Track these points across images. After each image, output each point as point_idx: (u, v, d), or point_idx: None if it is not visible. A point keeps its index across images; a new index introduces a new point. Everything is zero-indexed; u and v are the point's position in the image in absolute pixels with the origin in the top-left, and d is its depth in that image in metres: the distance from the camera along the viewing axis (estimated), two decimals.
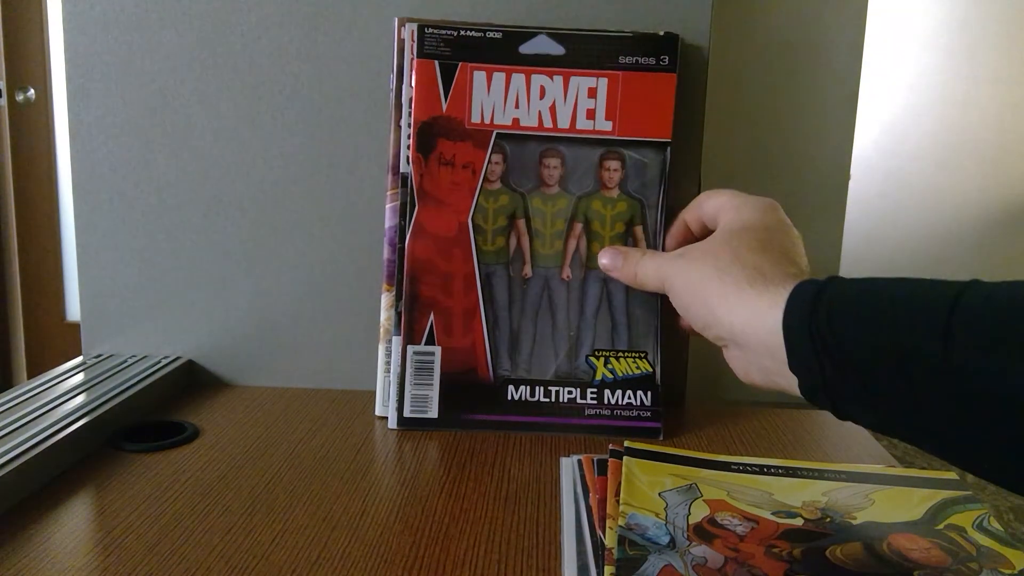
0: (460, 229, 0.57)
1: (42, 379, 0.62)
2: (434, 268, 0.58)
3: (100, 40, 0.64)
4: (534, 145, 0.58)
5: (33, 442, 0.50)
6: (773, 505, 0.47)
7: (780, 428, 0.62)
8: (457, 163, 0.57)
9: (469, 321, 0.58)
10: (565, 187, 0.58)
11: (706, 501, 0.46)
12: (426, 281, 0.58)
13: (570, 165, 0.58)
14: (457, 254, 0.58)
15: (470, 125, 0.57)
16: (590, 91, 0.57)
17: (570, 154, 0.58)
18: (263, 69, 0.65)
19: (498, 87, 0.57)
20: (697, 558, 0.40)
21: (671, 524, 0.43)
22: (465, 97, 0.57)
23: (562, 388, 0.58)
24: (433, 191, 0.58)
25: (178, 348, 0.68)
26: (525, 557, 0.43)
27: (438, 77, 0.57)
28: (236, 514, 0.46)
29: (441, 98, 0.57)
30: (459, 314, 0.58)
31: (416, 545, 0.43)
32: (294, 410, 0.63)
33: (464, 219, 0.57)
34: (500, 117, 0.57)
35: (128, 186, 0.66)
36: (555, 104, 0.57)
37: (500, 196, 0.57)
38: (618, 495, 0.46)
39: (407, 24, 0.59)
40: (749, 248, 0.45)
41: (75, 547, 0.42)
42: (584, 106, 0.58)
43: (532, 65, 0.57)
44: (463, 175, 0.57)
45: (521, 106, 0.57)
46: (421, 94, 0.57)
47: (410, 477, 0.52)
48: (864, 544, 0.42)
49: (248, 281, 0.67)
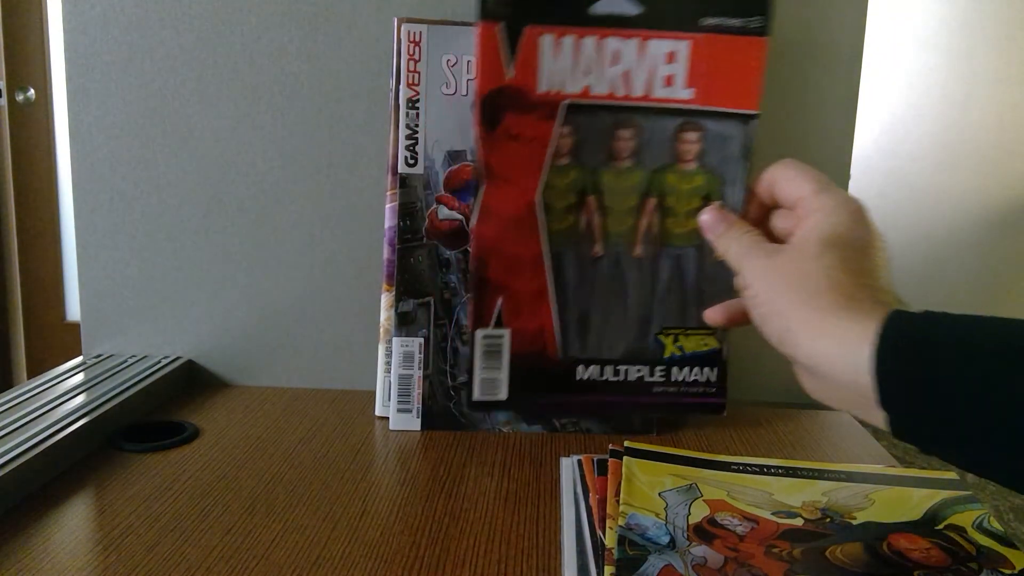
0: (528, 209, 0.53)
1: (42, 379, 0.62)
2: (501, 251, 0.54)
3: (100, 40, 0.64)
4: (606, 116, 0.53)
5: (33, 442, 0.50)
6: (773, 505, 0.47)
7: (780, 428, 0.62)
8: (524, 137, 0.53)
9: (538, 303, 0.55)
10: (639, 160, 0.54)
11: (706, 501, 0.46)
12: (493, 265, 0.54)
13: (645, 137, 0.54)
14: (525, 235, 0.54)
15: (537, 96, 0.53)
16: (669, 56, 0.53)
17: (646, 125, 0.54)
18: (263, 69, 0.65)
19: (566, 52, 0.52)
20: (697, 558, 0.40)
21: (671, 524, 0.43)
22: (532, 64, 0.52)
23: (631, 367, 0.57)
24: (500, 169, 0.53)
25: (178, 348, 0.68)
26: (525, 557, 0.43)
27: (502, 42, 0.52)
28: (236, 514, 0.46)
29: (505, 66, 0.52)
30: (528, 296, 0.55)
31: (416, 545, 0.43)
32: (294, 410, 0.63)
33: (531, 198, 0.53)
34: (570, 85, 0.53)
35: (128, 186, 0.66)
36: (630, 71, 0.53)
37: (569, 172, 0.53)
38: (618, 495, 0.47)
39: (404, 25, 0.59)
40: (842, 269, 0.41)
41: (75, 547, 0.42)
42: (662, 72, 0.53)
43: (605, 26, 0.52)
44: (530, 149, 0.53)
45: (592, 72, 0.53)
46: (485, 62, 0.52)
47: (410, 477, 0.52)
48: (864, 544, 0.42)
49: (248, 281, 0.67)
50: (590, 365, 0.57)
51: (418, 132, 0.60)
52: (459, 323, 0.61)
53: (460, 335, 0.61)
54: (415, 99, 0.59)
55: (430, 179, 0.60)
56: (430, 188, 0.60)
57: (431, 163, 0.60)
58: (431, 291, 0.61)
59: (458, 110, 0.59)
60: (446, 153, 0.60)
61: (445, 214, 0.60)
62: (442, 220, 0.60)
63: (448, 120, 0.59)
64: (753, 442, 0.59)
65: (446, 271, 0.61)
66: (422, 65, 0.59)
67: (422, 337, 0.61)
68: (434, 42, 0.59)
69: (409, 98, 0.59)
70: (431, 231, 0.60)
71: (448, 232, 0.60)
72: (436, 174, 0.60)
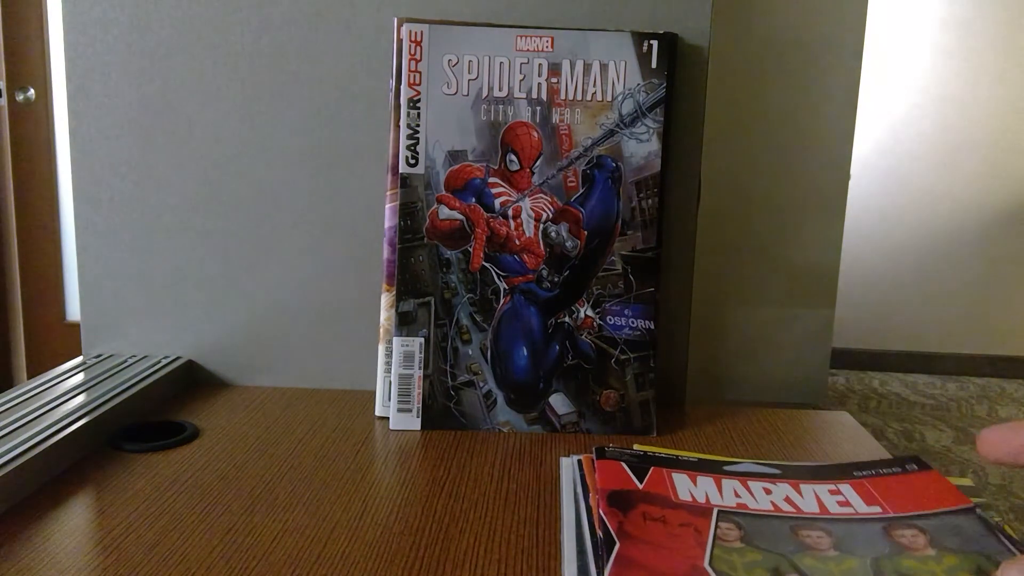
0: (695, 572, 0.40)
1: (42, 379, 0.62)
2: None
3: (100, 40, 0.64)
4: (777, 523, 0.45)
5: (33, 442, 0.50)
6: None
7: (780, 428, 0.62)
8: (671, 522, 0.45)
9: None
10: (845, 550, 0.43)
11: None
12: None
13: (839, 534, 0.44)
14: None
15: (679, 500, 0.47)
16: (832, 491, 0.48)
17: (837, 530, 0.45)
18: (263, 69, 0.65)
19: (703, 486, 0.48)
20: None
21: None
22: (666, 484, 0.48)
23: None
24: (640, 535, 0.43)
25: (178, 348, 0.68)
26: (525, 557, 0.43)
27: (628, 471, 0.49)
28: (236, 514, 0.46)
29: (635, 482, 0.49)
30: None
31: (416, 545, 0.43)
32: (294, 410, 0.63)
33: (700, 563, 0.41)
34: (715, 498, 0.47)
35: (128, 186, 0.66)
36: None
37: (747, 553, 0.42)
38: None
39: (405, 24, 0.59)
40: None
41: (75, 547, 0.42)
42: (831, 501, 0.47)
43: (742, 476, 0.49)
44: (683, 532, 0.44)
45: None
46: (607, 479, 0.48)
47: (410, 477, 0.52)
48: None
49: (248, 281, 0.67)
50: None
51: (419, 132, 0.60)
52: (459, 323, 0.61)
53: (460, 335, 0.61)
54: (416, 99, 0.59)
55: (431, 179, 0.60)
56: (431, 188, 0.60)
57: (432, 163, 0.60)
58: (431, 291, 0.61)
59: (459, 110, 0.60)
60: (447, 153, 0.60)
61: (446, 214, 0.60)
62: (443, 220, 0.60)
63: (449, 120, 0.60)
64: (753, 442, 0.59)
65: (446, 271, 0.61)
66: (423, 65, 0.59)
67: (422, 337, 0.61)
68: (435, 42, 0.59)
69: (410, 98, 0.59)
70: (432, 231, 0.60)
71: (448, 232, 0.60)
72: (437, 174, 0.60)
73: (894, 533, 0.43)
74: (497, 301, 0.61)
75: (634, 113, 0.60)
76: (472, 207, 0.60)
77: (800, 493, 0.48)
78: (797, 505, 0.46)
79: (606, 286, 0.61)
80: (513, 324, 0.61)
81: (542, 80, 0.60)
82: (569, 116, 0.60)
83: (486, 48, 0.59)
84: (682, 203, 0.57)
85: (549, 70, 0.60)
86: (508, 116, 0.60)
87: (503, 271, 0.61)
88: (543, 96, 0.60)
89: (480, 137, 0.60)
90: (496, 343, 0.61)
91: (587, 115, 0.60)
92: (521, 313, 0.61)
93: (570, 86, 0.60)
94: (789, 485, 0.49)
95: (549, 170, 0.60)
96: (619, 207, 0.61)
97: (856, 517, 0.45)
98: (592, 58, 0.60)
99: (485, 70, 0.60)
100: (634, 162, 0.60)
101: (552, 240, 0.61)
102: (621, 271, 0.61)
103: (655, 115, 0.60)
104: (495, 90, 0.60)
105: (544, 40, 0.60)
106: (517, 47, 0.60)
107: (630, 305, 0.62)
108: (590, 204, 0.61)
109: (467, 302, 0.61)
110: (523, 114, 0.60)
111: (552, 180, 0.61)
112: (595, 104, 0.60)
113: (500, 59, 0.59)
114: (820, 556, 0.41)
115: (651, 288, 0.61)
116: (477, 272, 0.61)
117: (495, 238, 0.61)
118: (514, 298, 0.61)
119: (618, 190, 0.61)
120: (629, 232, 0.61)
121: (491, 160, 0.60)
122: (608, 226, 0.61)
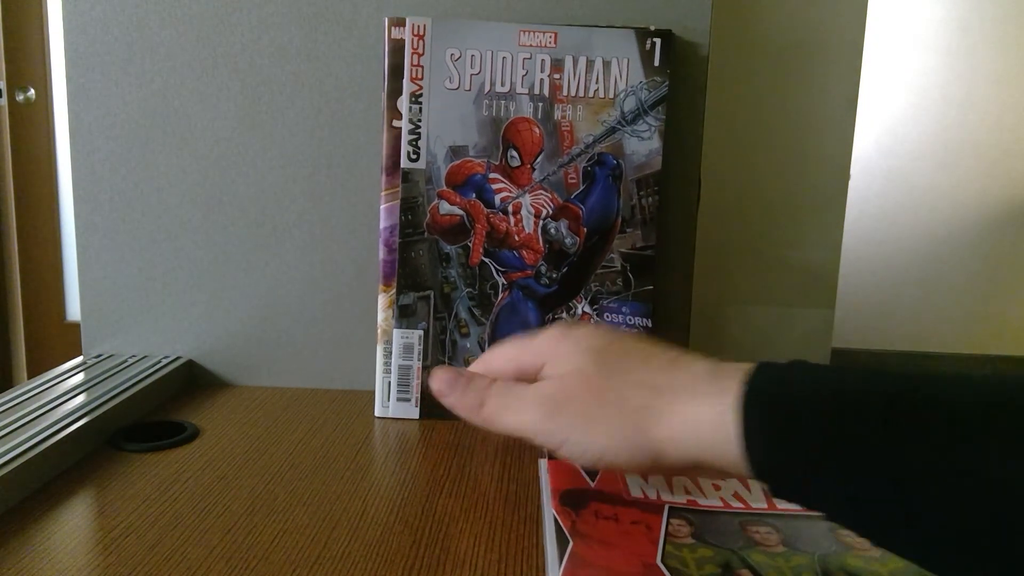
0: (647, 570, 0.40)
1: (42, 379, 0.62)
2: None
3: (100, 40, 0.64)
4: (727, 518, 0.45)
5: (33, 442, 0.49)
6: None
7: None
8: (623, 520, 0.45)
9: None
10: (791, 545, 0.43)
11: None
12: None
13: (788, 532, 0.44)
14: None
15: (632, 497, 0.47)
16: None
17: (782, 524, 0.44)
18: (263, 69, 0.65)
19: (654, 483, 0.47)
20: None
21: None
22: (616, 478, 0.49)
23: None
24: (592, 534, 0.43)
25: (178, 348, 0.68)
26: (525, 557, 0.43)
27: (580, 470, 0.49)
28: (236, 514, 0.46)
29: (587, 481, 0.49)
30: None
31: (416, 545, 0.43)
32: (294, 410, 0.63)
33: (652, 560, 0.41)
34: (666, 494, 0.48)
35: (128, 186, 0.66)
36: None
37: (697, 549, 0.42)
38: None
39: (408, 19, 0.59)
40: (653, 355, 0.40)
41: (75, 547, 0.42)
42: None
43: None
44: (634, 529, 0.44)
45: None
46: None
47: (410, 477, 0.52)
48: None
49: (248, 281, 0.67)
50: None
51: (420, 127, 0.60)
52: (458, 316, 0.61)
53: (458, 328, 0.61)
54: (418, 93, 0.59)
55: (432, 174, 0.60)
56: (432, 183, 0.60)
57: (433, 158, 0.60)
58: (431, 285, 0.61)
59: (460, 105, 0.59)
60: (448, 148, 0.60)
61: (446, 209, 0.60)
62: (443, 215, 0.60)
63: (451, 115, 0.60)
64: None
65: (446, 265, 0.61)
66: (425, 59, 0.59)
67: (421, 329, 0.61)
68: (438, 36, 0.59)
69: (412, 92, 0.59)
70: (432, 226, 0.60)
71: (449, 227, 0.61)
72: (438, 169, 0.60)
73: (840, 532, 0.44)
74: (496, 296, 0.61)
75: (636, 111, 0.60)
76: (472, 203, 0.60)
77: (749, 488, 0.49)
78: (746, 501, 0.47)
79: (604, 283, 0.61)
80: (511, 319, 0.61)
81: (544, 76, 0.60)
82: (571, 113, 0.60)
83: (489, 43, 0.59)
84: (682, 202, 0.57)
85: (552, 66, 0.60)
86: (510, 112, 0.60)
87: (502, 266, 0.61)
88: (545, 92, 0.60)
89: (481, 132, 0.60)
90: (494, 337, 0.61)
91: (589, 112, 0.60)
92: (519, 308, 0.62)
93: (572, 82, 0.60)
94: (738, 480, 0.49)
95: (550, 166, 0.60)
96: (619, 205, 0.61)
97: (803, 514, 0.45)
98: (595, 55, 0.60)
99: (488, 65, 0.60)
100: (635, 160, 0.60)
101: (551, 236, 0.61)
102: (620, 269, 0.61)
103: (657, 113, 0.60)
104: (497, 85, 0.60)
105: (547, 36, 0.59)
106: (520, 42, 0.60)
107: (628, 303, 0.62)
108: (590, 201, 0.61)
109: (466, 296, 0.61)
110: (525, 110, 0.60)
111: (553, 176, 0.61)
112: (597, 101, 0.60)
113: (503, 54, 0.59)
114: (769, 552, 0.43)
115: (649, 286, 0.61)
116: (476, 267, 0.61)
117: (495, 234, 0.61)
118: (512, 293, 0.61)
119: (618, 188, 0.61)
120: (629, 230, 0.61)
121: (492, 156, 0.60)
122: (608, 223, 0.61)
